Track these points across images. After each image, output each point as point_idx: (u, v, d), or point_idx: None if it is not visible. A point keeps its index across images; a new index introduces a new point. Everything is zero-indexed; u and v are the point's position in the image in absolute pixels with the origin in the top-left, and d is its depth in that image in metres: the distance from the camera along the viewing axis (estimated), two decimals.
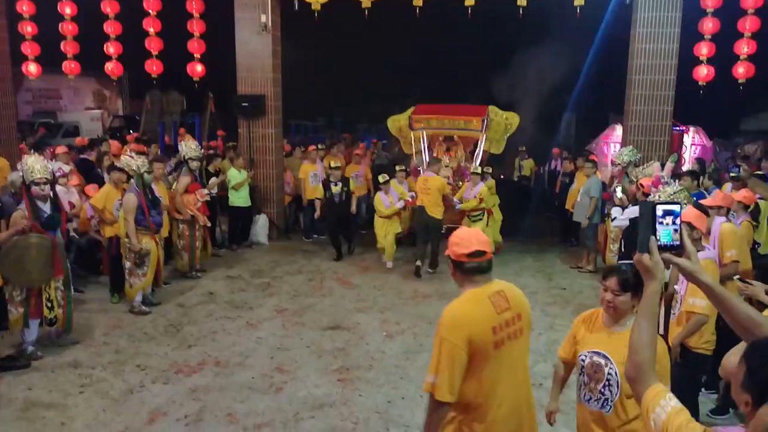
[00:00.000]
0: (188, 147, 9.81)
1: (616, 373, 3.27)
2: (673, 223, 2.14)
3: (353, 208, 11.56)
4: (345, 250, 11.23)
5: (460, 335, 3.00)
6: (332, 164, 11.38)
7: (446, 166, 11.82)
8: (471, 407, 3.12)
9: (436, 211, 10.08)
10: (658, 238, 2.13)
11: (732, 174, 7.72)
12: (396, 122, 13.49)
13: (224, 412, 5.52)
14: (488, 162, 12.83)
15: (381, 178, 10.96)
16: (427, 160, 12.48)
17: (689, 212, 4.81)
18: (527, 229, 13.06)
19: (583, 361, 3.44)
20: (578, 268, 10.62)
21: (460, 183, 11.71)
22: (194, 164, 9.78)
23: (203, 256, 10.04)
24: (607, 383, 3.31)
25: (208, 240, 10.21)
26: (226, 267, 10.35)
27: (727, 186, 8.62)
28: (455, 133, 12.69)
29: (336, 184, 11.02)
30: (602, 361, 3.34)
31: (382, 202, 10.60)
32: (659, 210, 2.13)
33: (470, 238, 3.28)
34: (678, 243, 2.14)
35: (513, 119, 12.55)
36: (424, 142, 12.90)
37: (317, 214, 11.67)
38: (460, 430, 3.16)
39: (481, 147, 12.49)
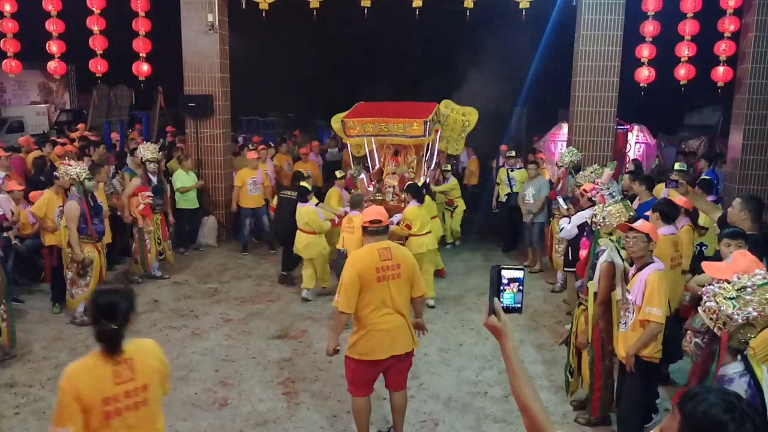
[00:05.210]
0: (146, 150, 9.82)
1: None
2: (518, 287, 2.29)
3: None
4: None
5: (354, 270, 4.74)
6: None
7: (393, 174, 10.24)
8: (359, 317, 4.85)
9: None
10: (501, 300, 2.27)
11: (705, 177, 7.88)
12: (339, 122, 11.31)
13: None
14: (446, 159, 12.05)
15: (338, 174, 10.42)
16: (371, 169, 11.15)
17: (645, 225, 4.96)
18: (480, 227, 13.11)
19: None
20: (525, 267, 10.75)
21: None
22: (152, 166, 9.74)
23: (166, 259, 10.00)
24: None
25: (165, 243, 9.89)
26: (173, 271, 10.17)
27: (662, 188, 8.78)
28: (391, 141, 10.26)
29: None
30: None
31: (317, 211, 8.94)
32: (504, 275, 2.28)
33: (372, 211, 4.99)
34: (519, 306, 2.29)
35: (471, 116, 11.09)
36: (367, 148, 11.23)
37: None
38: (356, 334, 4.88)
39: (435, 151, 10.95)
